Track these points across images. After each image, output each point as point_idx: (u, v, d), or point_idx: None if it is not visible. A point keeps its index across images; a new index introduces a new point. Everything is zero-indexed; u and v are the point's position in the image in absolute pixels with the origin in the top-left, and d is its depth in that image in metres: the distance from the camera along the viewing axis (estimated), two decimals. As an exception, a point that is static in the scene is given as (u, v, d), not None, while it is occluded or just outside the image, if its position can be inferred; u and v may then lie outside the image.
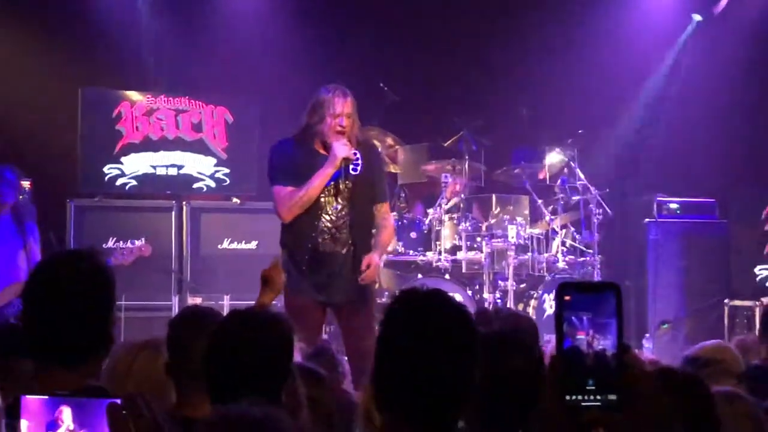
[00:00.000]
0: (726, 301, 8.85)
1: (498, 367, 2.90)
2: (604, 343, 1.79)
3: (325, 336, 8.58)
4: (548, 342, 4.19)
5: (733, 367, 3.95)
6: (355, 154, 5.53)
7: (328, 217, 5.56)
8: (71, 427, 1.76)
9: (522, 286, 8.50)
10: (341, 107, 5.47)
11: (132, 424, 1.64)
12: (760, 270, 9.48)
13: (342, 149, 5.44)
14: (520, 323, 4.12)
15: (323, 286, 5.56)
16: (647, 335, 8.78)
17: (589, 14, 9.85)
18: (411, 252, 8.42)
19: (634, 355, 3.22)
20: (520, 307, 8.28)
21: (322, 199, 5.55)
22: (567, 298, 1.82)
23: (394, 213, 8.54)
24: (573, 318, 1.80)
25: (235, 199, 9.04)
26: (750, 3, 10.23)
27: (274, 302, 4.46)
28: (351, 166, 5.53)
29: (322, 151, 5.57)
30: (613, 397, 1.75)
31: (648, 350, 8.31)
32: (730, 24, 10.12)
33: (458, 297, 7.97)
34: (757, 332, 4.97)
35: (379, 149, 6.02)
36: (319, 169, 5.48)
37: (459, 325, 2.36)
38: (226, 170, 9.12)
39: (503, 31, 9.90)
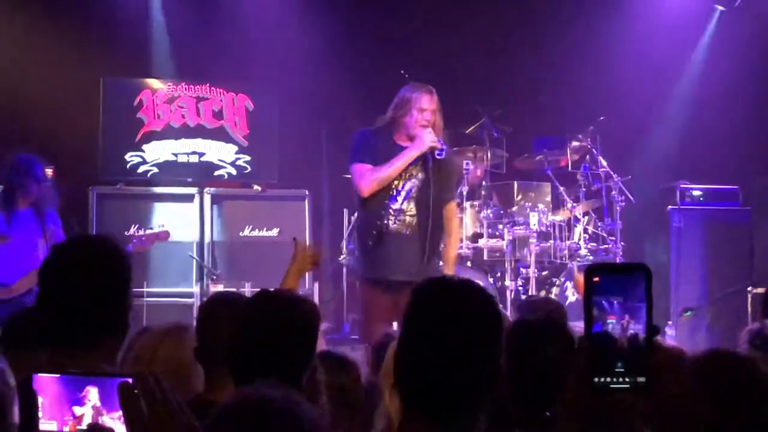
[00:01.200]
0: (749, 289, 8.78)
1: (533, 355, 2.91)
2: (635, 327, 1.78)
3: (349, 323, 8.63)
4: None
5: None
6: (440, 141, 5.93)
7: (399, 199, 5.95)
8: (98, 404, 1.76)
9: (544, 273, 8.48)
10: (428, 103, 5.95)
11: (144, 404, 1.64)
12: (782, 258, 9.43)
13: (429, 136, 5.87)
14: (551, 311, 4.13)
15: (388, 263, 5.93)
16: (670, 322, 8.75)
17: (612, 3, 9.81)
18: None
19: (659, 340, 3.20)
20: (542, 293, 8.26)
21: (396, 182, 5.94)
22: (596, 279, 1.81)
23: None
24: (603, 302, 1.79)
25: (256, 187, 9.04)
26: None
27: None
28: (436, 152, 5.91)
29: (403, 144, 5.97)
30: (642, 379, 1.75)
31: (671, 337, 8.27)
32: (753, 13, 10.04)
33: (480, 284, 7.97)
34: None
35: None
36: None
37: (485, 316, 2.32)
38: (248, 158, 9.12)
39: (524, 19, 9.88)
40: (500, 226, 8.48)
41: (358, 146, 6.06)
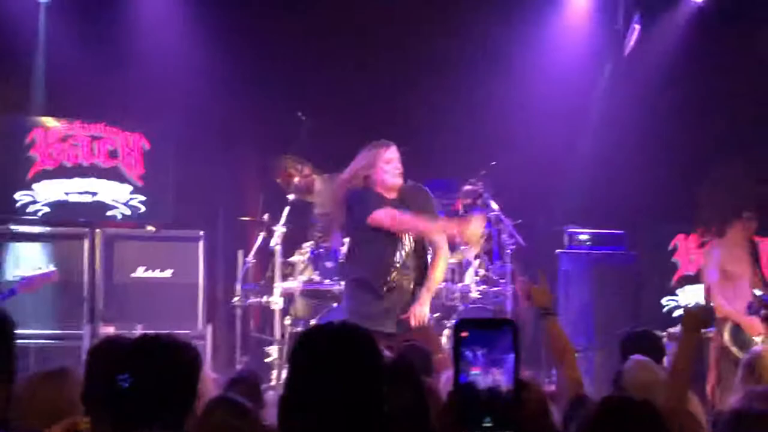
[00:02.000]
0: (627, 331, 8.99)
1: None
2: (499, 379, 1.84)
3: (241, 366, 8.59)
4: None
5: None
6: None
7: (404, 252, 6.20)
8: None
9: (436, 315, 8.56)
10: (392, 153, 6.30)
11: None
12: (667, 301, 9.72)
13: (480, 227, 6.37)
14: (410, 355, 4.16)
15: (391, 315, 6.14)
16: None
17: (508, 47, 10.01)
18: (327, 281, 8.43)
19: (537, 390, 3.29)
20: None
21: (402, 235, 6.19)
22: (464, 334, 1.87)
23: (311, 242, 8.60)
24: (468, 353, 1.85)
25: (150, 227, 8.98)
26: (659, 39, 10.52)
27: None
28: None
29: (387, 195, 6.23)
30: None
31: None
32: (642, 62, 10.40)
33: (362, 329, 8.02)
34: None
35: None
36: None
37: (364, 361, 2.34)
38: (142, 198, 9.06)
39: (420, 63, 10.02)
40: (395, 269, 8.54)
41: (368, 198, 6.22)
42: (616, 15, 10.43)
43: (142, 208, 9.05)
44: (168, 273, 8.77)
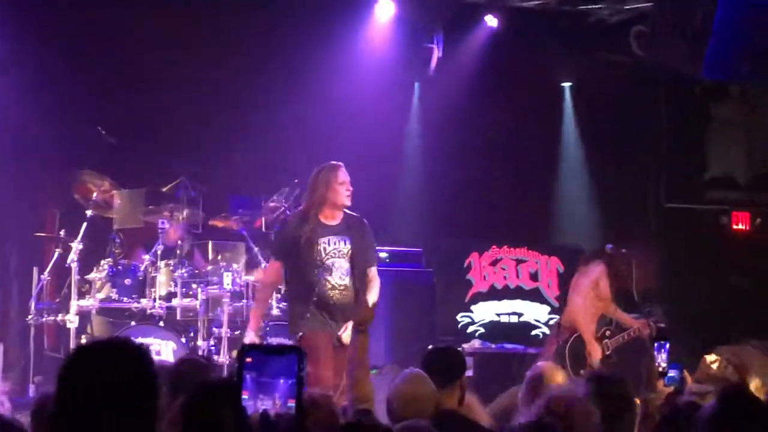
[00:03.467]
0: (430, 347, 9.24)
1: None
2: (281, 404, 1.89)
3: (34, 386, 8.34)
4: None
5: None
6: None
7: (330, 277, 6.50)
8: None
9: (237, 333, 8.57)
10: (344, 176, 6.64)
11: None
12: (461, 317, 10.06)
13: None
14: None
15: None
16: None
17: (314, 64, 10.08)
18: (125, 299, 8.34)
19: (327, 410, 3.38)
20: (235, 354, 8.36)
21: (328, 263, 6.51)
22: (249, 359, 1.91)
23: (110, 259, 8.46)
24: (247, 377, 1.89)
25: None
26: (459, 60, 10.86)
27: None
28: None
29: (326, 221, 6.60)
30: None
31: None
32: (443, 82, 10.71)
33: (172, 345, 7.98)
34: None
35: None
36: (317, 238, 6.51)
37: (134, 373, 2.33)
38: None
39: (222, 81, 10.00)
40: (194, 286, 8.52)
41: (277, 243, 6.80)
42: (423, 34, 10.67)
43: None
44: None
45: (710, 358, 7.21)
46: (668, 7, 9.48)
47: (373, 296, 6.56)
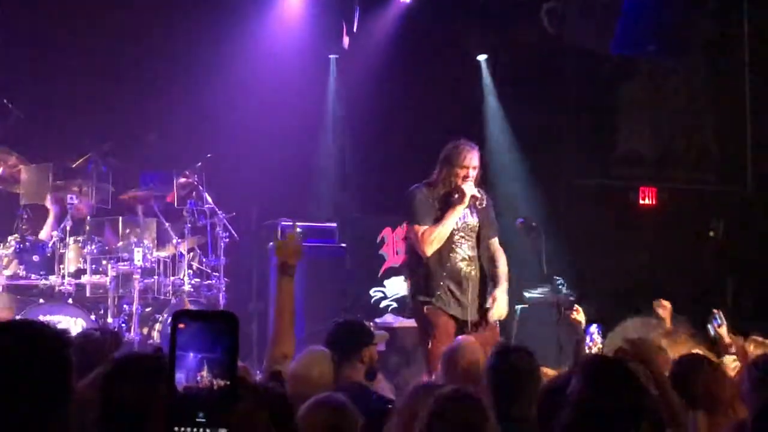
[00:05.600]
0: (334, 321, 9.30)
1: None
2: (214, 374, 1.81)
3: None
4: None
5: None
6: (480, 192, 6.55)
7: (460, 249, 6.56)
8: None
9: (148, 309, 8.51)
10: (470, 160, 6.54)
11: None
12: (374, 292, 10.12)
13: (471, 189, 6.49)
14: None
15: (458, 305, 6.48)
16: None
17: (223, 39, 10.02)
18: (33, 276, 8.18)
19: (253, 386, 3.36)
20: (145, 330, 8.31)
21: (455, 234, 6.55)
22: (181, 326, 1.82)
23: (16, 235, 8.30)
24: (184, 347, 1.81)
25: None
26: (373, 35, 10.89)
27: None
28: (477, 203, 6.55)
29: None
30: (223, 431, 1.79)
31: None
32: (359, 57, 10.73)
33: (81, 322, 7.88)
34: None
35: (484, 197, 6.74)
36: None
37: (42, 355, 2.27)
38: None
39: (132, 54, 9.88)
40: (104, 262, 8.41)
41: (416, 208, 6.60)
42: (337, 9, 10.65)
43: None
44: None
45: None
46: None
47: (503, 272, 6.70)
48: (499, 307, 6.48)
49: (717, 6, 10.33)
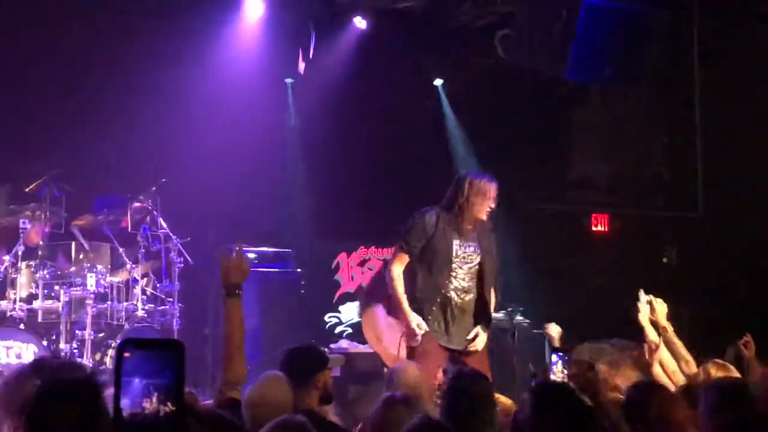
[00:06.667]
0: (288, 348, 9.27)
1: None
2: (161, 400, 1.82)
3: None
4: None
5: None
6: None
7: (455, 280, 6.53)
8: None
9: (101, 335, 8.42)
10: (493, 192, 6.52)
11: None
12: (329, 317, 10.11)
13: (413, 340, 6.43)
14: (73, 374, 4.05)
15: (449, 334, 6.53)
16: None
17: (179, 63, 9.96)
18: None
19: (202, 413, 3.34)
20: (98, 357, 8.22)
21: (454, 266, 6.52)
22: (127, 354, 1.84)
23: (-33, 260, 8.20)
24: (130, 374, 1.83)
25: None
26: (330, 60, 10.91)
27: None
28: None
29: (467, 227, 6.53)
30: None
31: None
32: (315, 82, 10.74)
33: (33, 348, 7.78)
34: None
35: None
36: (452, 247, 6.51)
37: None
38: None
39: (87, 78, 9.80)
40: (57, 287, 8.34)
41: (411, 228, 6.56)
42: (293, 33, 10.67)
43: None
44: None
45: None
46: (533, 11, 9.72)
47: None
48: (477, 344, 6.57)
49: (667, 32, 10.47)
